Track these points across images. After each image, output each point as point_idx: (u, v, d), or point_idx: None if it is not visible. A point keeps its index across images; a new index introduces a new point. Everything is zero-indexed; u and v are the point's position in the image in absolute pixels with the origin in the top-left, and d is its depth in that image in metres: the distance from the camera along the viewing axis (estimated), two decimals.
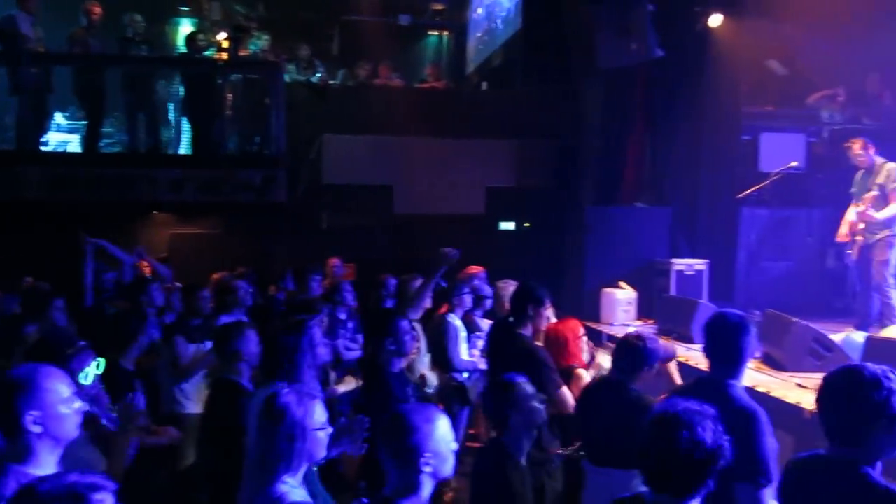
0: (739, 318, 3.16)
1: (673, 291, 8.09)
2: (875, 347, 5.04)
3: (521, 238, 10.15)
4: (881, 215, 6.74)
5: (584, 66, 8.84)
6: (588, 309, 8.06)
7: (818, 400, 2.46)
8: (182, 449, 4.62)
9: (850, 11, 8.16)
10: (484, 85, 12.15)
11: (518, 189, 10.03)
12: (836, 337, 6.26)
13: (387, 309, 5.40)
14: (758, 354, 6.12)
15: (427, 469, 2.36)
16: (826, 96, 9.59)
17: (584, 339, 4.70)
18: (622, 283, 8.13)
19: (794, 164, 8.02)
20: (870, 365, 2.39)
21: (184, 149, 9.85)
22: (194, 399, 4.91)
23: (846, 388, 2.36)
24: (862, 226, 6.91)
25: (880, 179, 6.80)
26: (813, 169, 9.25)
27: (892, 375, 2.34)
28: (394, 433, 2.40)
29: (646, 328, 7.55)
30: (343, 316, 6.07)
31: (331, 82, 10.40)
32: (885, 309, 6.74)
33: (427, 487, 2.38)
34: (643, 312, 8.08)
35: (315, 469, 2.83)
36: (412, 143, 9.85)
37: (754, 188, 7.99)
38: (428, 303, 5.39)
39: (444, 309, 6.01)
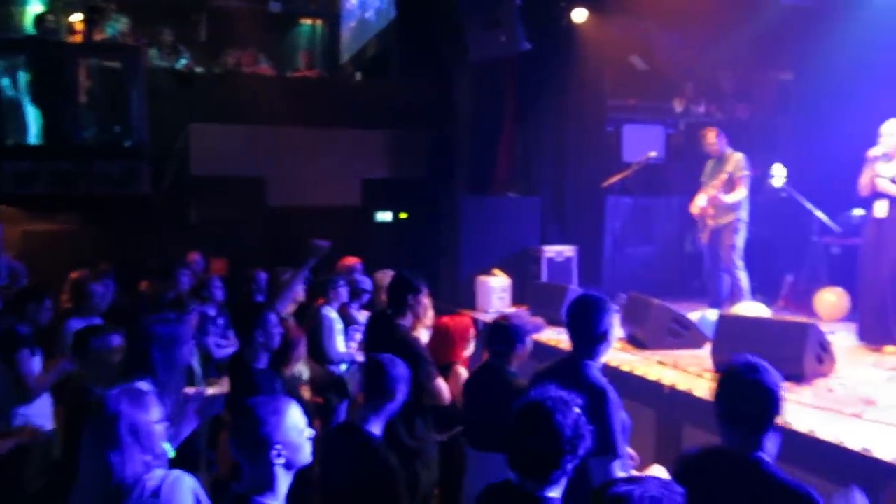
0: (596, 300, 3.28)
1: (544, 278, 8.34)
2: (725, 324, 5.39)
3: (397, 228, 10.17)
4: (729, 199, 7.22)
5: (455, 57, 8.92)
6: (464, 297, 8.21)
7: (719, 391, 2.50)
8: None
9: (703, 11, 8.65)
10: (358, 75, 12.04)
11: (394, 180, 10.02)
12: (693, 315, 6.67)
13: (255, 302, 5.26)
14: (623, 335, 6.45)
15: (279, 461, 2.33)
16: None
17: (472, 339, 4.76)
18: (496, 271, 8.31)
19: (653, 154, 8.43)
20: (758, 360, 2.49)
21: (34, 138, 9.17)
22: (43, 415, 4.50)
23: (755, 381, 2.43)
24: (712, 210, 7.37)
25: (729, 167, 7.29)
26: (671, 159, 9.81)
27: (773, 372, 2.47)
28: (243, 428, 2.35)
29: (520, 312, 7.78)
30: (212, 312, 5.88)
31: (197, 69, 9.97)
32: (735, 289, 7.23)
33: (282, 480, 2.35)
34: (517, 299, 8.28)
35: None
36: (285, 134, 9.62)
37: (618, 177, 8.34)
38: (300, 295, 5.29)
39: (319, 301, 5.93)
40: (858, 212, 7.42)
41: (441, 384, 4.08)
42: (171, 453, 2.76)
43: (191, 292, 5.99)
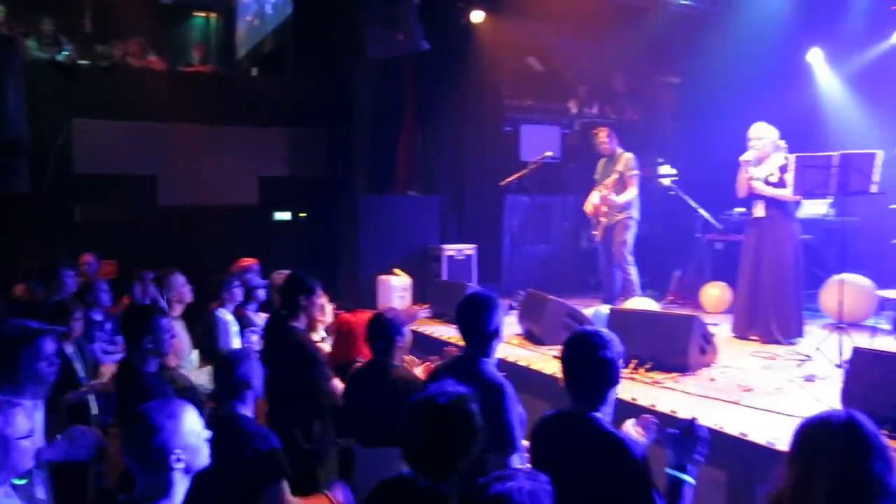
0: (485, 298, 3.34)
1: (444, 276, 8.43)
2: (617, 317, 5.62)
3: (296, 228, 10.03)
4: (621, 199, 7.51)
5: (354, 55, 8.88)
6: (364, 296, 8.18)
7: (562, 363, 2.77)
8: None
9: (596, 15, 8.96)
10: (254, 71, 11.79)
11: (292, 178, 9.88)
12: (588, 311, 6.89)
13: (143, 306, 5.08)
14: (520, 331, 6.61)
15: (179, 465, 2.28)
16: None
17: None
18: (397, 270, 8.33)
19: (549, 153, 8.66)
20: (590, 328, 2.84)
21: None
22: None
23: (580, 350, 2.71)
24: (605, 209, 7.65)
25: (620, 167, 7.57)
26: (567, 158, 10.09)
27: (605, 334, 2.74)
28: (138, 435, 2.28)
29: (421, 311, 7.84)
30: (99, 317, 5.63)
31: (81, 62, 9.50)
32: (626, 284, 7.53)
33: (180, 485, 2.30)
34: (418, 297, 8.33)
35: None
36: (178, 131, 9.30)
37: (516, 176, 8.52)
38: (188, 297, 5.15)
39: (214, 303, 5.79)
40: (739, 210, 7.87)
41: (337, 386, 4.06)
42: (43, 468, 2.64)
43: (76, 296, 5.71)
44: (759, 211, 6.29)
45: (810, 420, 2.13)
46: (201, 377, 5.31)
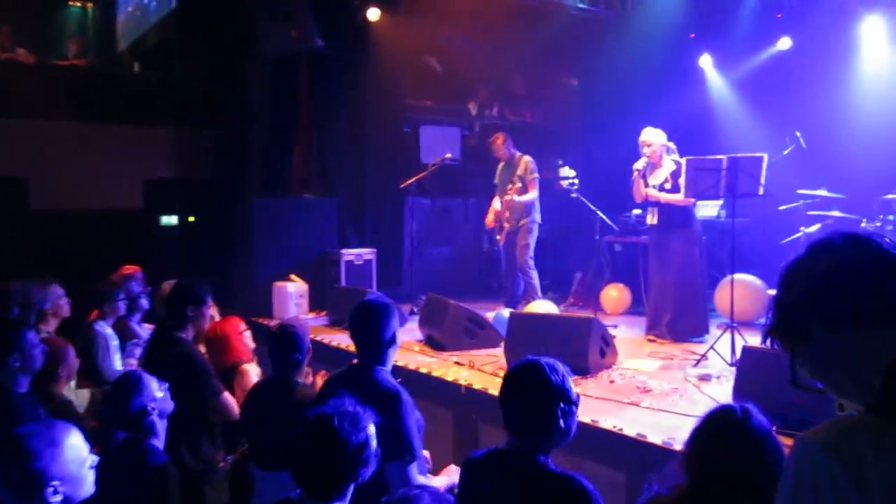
0: (379, 305, 3.32)
1: (343, 282, 8.35)
2: (517, 321, 5.70)
3: (185, 233, 9.70)
4: (523, 198, 7.61)
5: (246, 50, 8.67)
6: (260, 304, 8.01)
7: (501, 394, 2.54)
8: None
9: (495, 16, 9.09)
10: (137, 66, 11.33)
11: (179, 180, 9.55)
12: (490, 314, 6.97)
13: (8, 319, 4.77)
14: (421, 337, 6.61)
15: (56, 498, 2.13)
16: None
17: (247, 334, 4.65)
18: (293, 276, 8.21)
19: (449, 155, 8.72)
20: (545, 359, 2.55)
21: None
22: None
23: (531, 380, 2.48)
24: (507, 213, 7.76)
25: (520, 171, 7.71)
26: (467, 160, 10.18)
27: (560, 367, 2.52)
28: (10, 461, 2.12)
29: (318, 319, 7.73)
30: None
31: None
32: (528, 288, 7.68)
33: None
34: (316, 304, 8.22)
35: None
36: (52, 129, 8.82)
37: (416, 178, 8.52)
38: (64, 310, 4.90)
39: (93, 315, 5.52)
40: (637, 212, 8.16)
41: (228, 399, 3.95)
42: None
43: None
44: (652, 218, 6.54)
45: (705, 417, 2.21)
46: (80, 398, 5.06)
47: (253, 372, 4.35)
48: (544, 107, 11.50)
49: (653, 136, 6.46)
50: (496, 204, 7.88)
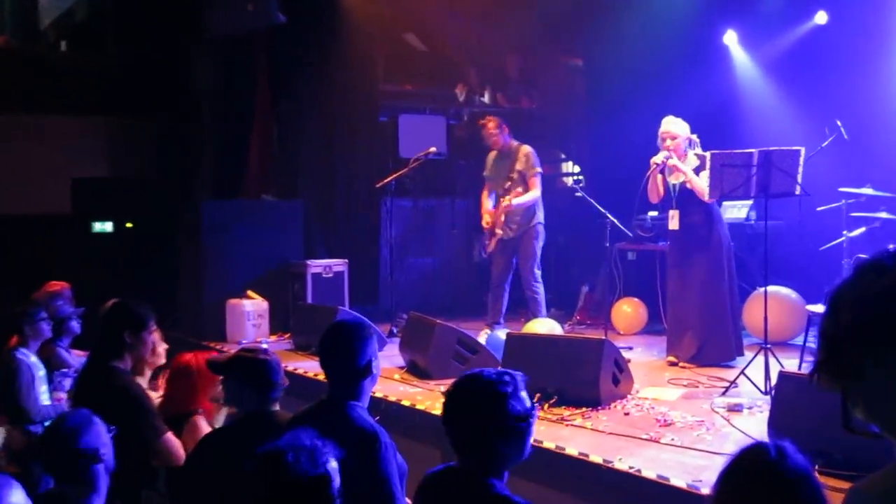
0: (353, 326, 3.30)
1: (310, 298, 8.33)
2: (516, 343, 5.72)
3: (121, 242, 9.66)
4: (524, 199, 7.53)
5: (192, 29, 8.67)
6: (210, 325, 8.01)
7: (443, 412, 2.70)
8: None
9: None
10: (63, 45, 11.31)
11: (115, 180, 9.53)
12: (482, 336, 6.97)
13: None
14: (402, 363, 6.60)
15: None
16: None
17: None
18: (250, 292, 8.18)
19: (433, 149, 8.70)
20: (488, 370, 2.73)
21: None
22: None
23: (467, 398, 2.65)
24: (503, 218, 7.68)
25: (520, 166, 7.65)
26: (455, 155, 10.19)
27: (508, 379, 2.65)
28: None
29: (281, 344, 7.70)
30: None
31: None
32: (532, 304, 7.63)
33: None
34: (278, 325, 8.22)
35: None
36: None
37: (395, 176, 8.50)
38: None
39: (13, 342, 5.49)
40: (653, 214, 8.19)
41: (172, 441, 3.91)
42: None
43: None
44: (674, 223, 6.56)
45: (735, 457, 2.23)
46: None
47: (205, 429, 4.30)
48: (543, 91, 11.53)
49: (677, 128, 6.47)
50: (488, 203, 7.82)
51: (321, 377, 6.05)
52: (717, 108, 8.55)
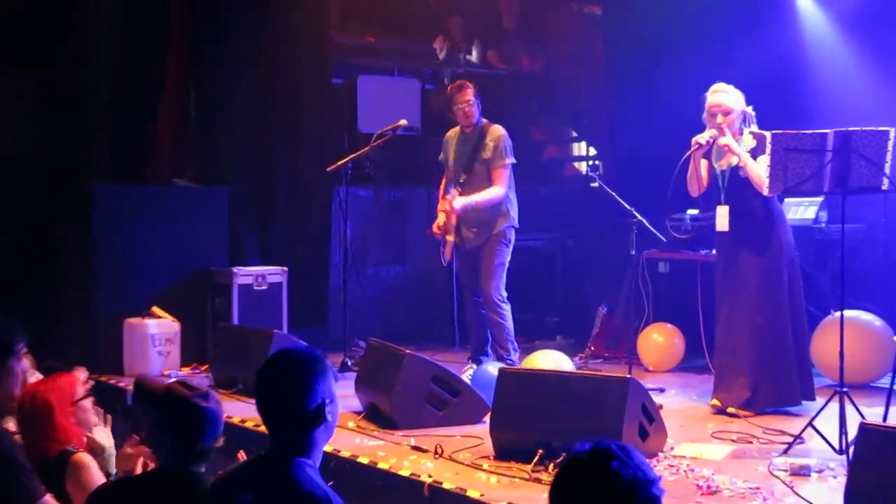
0: (303, 360, 3.25)
1: (236, 318, 8.34)
2: (510, 382, 5.66)
3: None
4: (485, 198, 7.48)
5: None
6: (102, 352, 8.02)
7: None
8: None
9: None
10: None
11: None
12: (466, 374, 6.90)
13: None
14: (359, 407, 6.54)
15: None
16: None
17: (87, 402, 4.56)
18: (156, 309, 8.17)
19: (403, 122, 8.64)
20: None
21: None
22: None
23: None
24: (455, 219, 7.60)
25: (486, 153, 7.57)
26: (431, 131, 10.12)
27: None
28: None
29: (198, 378, 7.62)
30: None
31: None
32: (496, 332, 7.54)
33: None
34: (192, 353, 8.26)
35: None
36: None
37: (351, 157, 8.46)
38: None
39: None
40: (693, 212, 8.18)
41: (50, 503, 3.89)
42: None
43: None
44: (723, 223, 6.52)
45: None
46: None
47: (93, 467, 4.26)
48: (551, 49, 11.54)
49: (731, 99, 6.44)
50: (445, 205, 7.74)
51: (253, 424, 6.04)
52: (779, 75, 8.57)
